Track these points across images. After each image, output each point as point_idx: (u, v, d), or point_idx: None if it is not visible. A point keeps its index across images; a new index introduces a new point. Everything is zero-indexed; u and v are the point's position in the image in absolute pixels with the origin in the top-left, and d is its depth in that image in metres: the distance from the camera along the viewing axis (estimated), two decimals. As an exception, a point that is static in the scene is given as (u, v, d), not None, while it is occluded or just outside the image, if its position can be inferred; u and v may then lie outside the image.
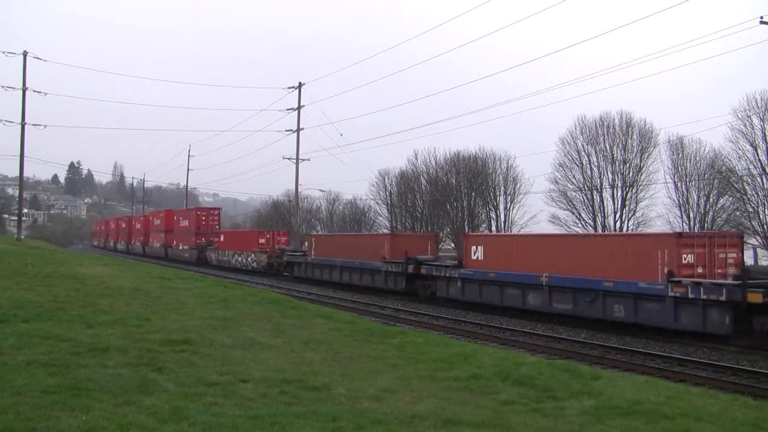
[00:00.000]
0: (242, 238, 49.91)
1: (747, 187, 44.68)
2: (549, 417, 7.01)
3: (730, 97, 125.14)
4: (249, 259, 45.82)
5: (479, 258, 24.69)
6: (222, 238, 52.78)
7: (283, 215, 77.44)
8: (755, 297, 16.22)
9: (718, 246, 18.79)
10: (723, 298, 16.58)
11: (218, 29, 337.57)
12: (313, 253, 37.82)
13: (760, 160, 43.45)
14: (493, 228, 61.62)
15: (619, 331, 19.22)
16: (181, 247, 60.16)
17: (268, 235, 46.92)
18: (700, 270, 18.21)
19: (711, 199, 48.22)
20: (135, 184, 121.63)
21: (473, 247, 25.16)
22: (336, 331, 12.76)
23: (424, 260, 28.49)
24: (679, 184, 49.29)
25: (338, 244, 36.66)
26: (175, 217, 64.35)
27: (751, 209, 44.58)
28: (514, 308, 22.94)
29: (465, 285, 25.10)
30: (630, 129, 51.85)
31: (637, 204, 51.56)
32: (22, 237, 57.30)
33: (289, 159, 50.13)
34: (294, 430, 6.02)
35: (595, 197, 52.51)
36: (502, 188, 62.62)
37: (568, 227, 53.11)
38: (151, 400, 6.78)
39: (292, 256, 40.70)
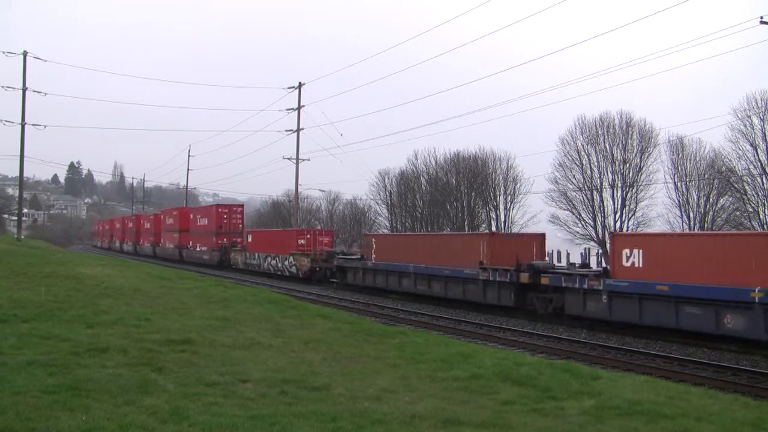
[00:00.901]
0: (277, 239, 43.31)
1: (747, 187, 44.70)
2: (549, 417, 7.01)
3: (730, 97, 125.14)
4: (286, 263, 39.96)
5: (637, 265, 19.27)
6: (250, 239, 46.72)
7: (283, 215, 77.48)
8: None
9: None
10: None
11: (218, 29, 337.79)
12: (374, 256, 31.77)
13: (760, 160, 43.47)
14: (493, 228, 61.61)
15: (619, 331, 19.23)
16: (199, 249, 54.25)
17: (308, 235, 40.04)
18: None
19: (711, 199, 48.25)
20: (135, 184, 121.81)
21: (626, 251, 19.71)
22: (336, 331, 12.76)
23: (544, 267, 22.57)
24: (679, 184, 49.32)
25: (412, 246, 30.15)
26: (191, 216, 58.01)
27: (751, 209, 44.59)
28: (701, 334, 17.56)
29: (613, 300, 19.55)
30: (630, 129, 51.88)
31: (637, 204, 51.59)
32: (22, 237, 57.31)
33: (289, 159, 50.13)
34: (294, 430, 6.02)
35: (595, 197, 52.53)
36: (502, 188, 62.67)
37: (568, 227, 53.18)
38: (151, 400, 6.78)
39: (346, 260, 34.96)
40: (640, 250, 19.34)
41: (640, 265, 19.15)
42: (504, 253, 24.44)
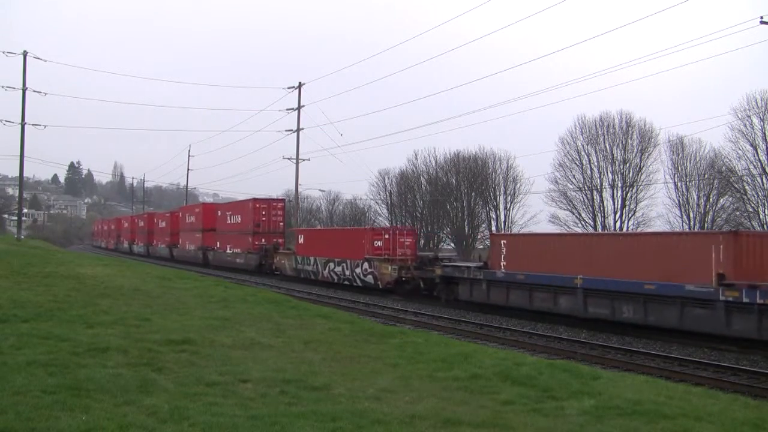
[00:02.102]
0: (341, 240, 34.62)
1: (747, 187, 44.78)
2: (549, 417, 7.01)
3: (730, 97, 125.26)
4: (359, 270, 31.56)
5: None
6: (301, 240, 38.06)
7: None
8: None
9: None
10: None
11: (218, 29, 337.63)
12: (503, 263, 23.60)
13: (760, 160, 43.53)
14: (493, 228, 61.62)
15: (620, 331, 19.22)
16: (230, 251, 46.43)
17: (387, 235, 31.26)
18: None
19: (711, 199, 48.32)
20: (135, 184, 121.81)
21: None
22: (336, 331, 12.75)
23: None
24: (679, 184, 49.39)
25: (575, 250, 21.58)
26: (219, 213, 50.12)
27: (751, 209, 44.65)
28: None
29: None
30: (630, 129, 51.96)
31: (637, 204, 51.67)
32: (22, 237, 57.32)
33: (289, 159, 50.14)
34: (294, 430, 6.02)
35: (595, 197, 52.57)
36: (502, 188, 62.78)
37: (568, 227, 53.20)
38: (151, 400, 6.78)
39: (456, 268, 26.33)
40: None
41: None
42: (756, 263, 16.96)
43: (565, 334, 19.02)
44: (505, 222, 61.60)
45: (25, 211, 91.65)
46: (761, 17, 23.55)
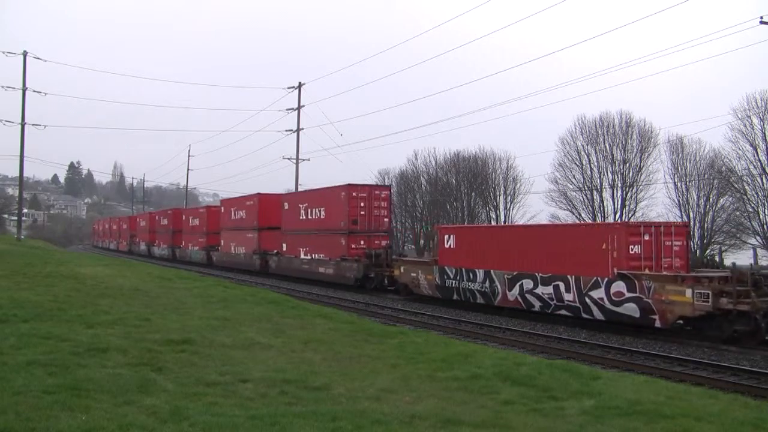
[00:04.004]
0: (551, 244, 20.62)
1: (747, 187, 44.78)
2: (549, 417, 7.02)
3: (730, 97, 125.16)
4: (598, 295, 18.76)
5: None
6: (451, 243, 24.46)
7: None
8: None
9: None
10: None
11: (218, 29, 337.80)
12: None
13: (760, 160, 43.53)
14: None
15: (621, 332, 19.22)
16: (311, 257, 33.59)
17: (648, 235, 18.69)
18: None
19: (711, 199, 48.28)
20: (135, 184, 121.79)
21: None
22: (336, 331, 12.76)
23: None
24: (679, 184, 49.35)
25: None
26: (287, 205, 36.63)
27: (751, 209, 44.65)
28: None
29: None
30: (630, 129, 51.94)
31: (636, 204, 51.63)
32: (22, 237, 57.34)
33: (289, 159, 50.12)
34: (294, 430, 6.03)
35: (595, 197, 52.56)
36: (502, 188, 62.74)
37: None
38: (151, 400, 6.79)
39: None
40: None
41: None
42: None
43: (565, 334, 19.01)
44: (505, 222, 61.59)
45: (25, 211, 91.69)
46: (761, 17, 23.56)
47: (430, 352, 10.72)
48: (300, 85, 49.13)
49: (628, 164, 51.56)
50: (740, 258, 44.04)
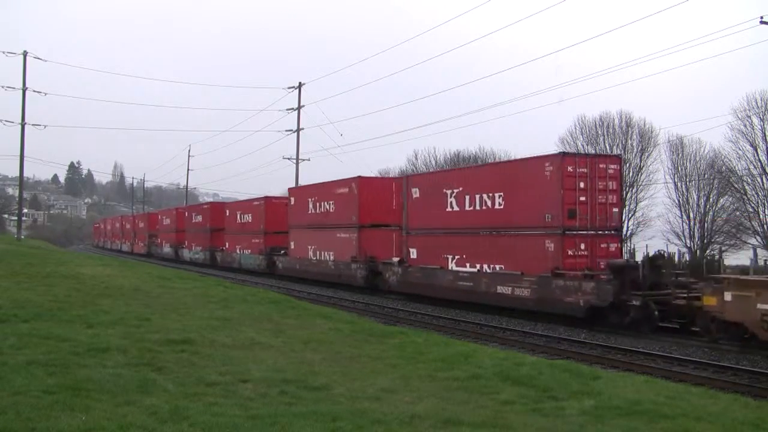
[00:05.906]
0: None
1: (747, 187, 44.74)
2: (549, 417, 7.01)
3: (730, 97, 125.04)
4: None
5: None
6: None
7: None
8: None
9: None
10: None
11: (218, 29, 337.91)
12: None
13: (760, 160, 43.50)
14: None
15: (619, 332, 19.22)
16: (466, 269, 22.11)
17: None
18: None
19: (711, 199, 48.23)
20: (135, 184, 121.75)
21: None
22: (336, 331, 12.75)
23: None
24: (679, 184, 49.31)
25: None
26: (416, 192, 24.40)
27: (751, 209, 44.62)
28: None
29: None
30: (630, 129, 51.86)
31: (637, 204, 51.54)
32: (22, 237, 57.34)
33: (289, 159, 50.05)
34: (294, 430, 6.02)
35: (595, 197, 52.47)
36: (502, 188, 62.62)
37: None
38: (151, 400, 6.79)
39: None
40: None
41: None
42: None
43: (565, 334, 19.00)
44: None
45: (25, 211, 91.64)
46: (761, 17, 23.57)
47: (430, 352, 10.72)
48: (300, 85, 49.13)
49: (627, 164, 51.52)
50: (740, 258, 44.10)
